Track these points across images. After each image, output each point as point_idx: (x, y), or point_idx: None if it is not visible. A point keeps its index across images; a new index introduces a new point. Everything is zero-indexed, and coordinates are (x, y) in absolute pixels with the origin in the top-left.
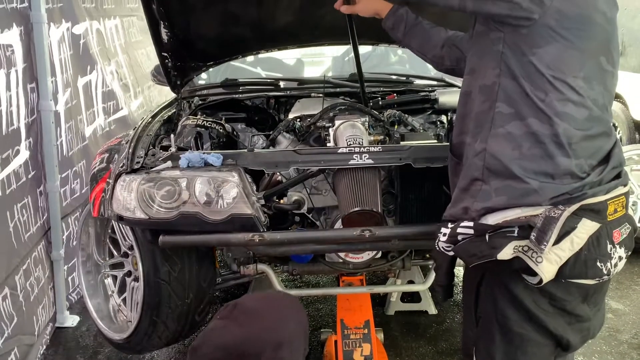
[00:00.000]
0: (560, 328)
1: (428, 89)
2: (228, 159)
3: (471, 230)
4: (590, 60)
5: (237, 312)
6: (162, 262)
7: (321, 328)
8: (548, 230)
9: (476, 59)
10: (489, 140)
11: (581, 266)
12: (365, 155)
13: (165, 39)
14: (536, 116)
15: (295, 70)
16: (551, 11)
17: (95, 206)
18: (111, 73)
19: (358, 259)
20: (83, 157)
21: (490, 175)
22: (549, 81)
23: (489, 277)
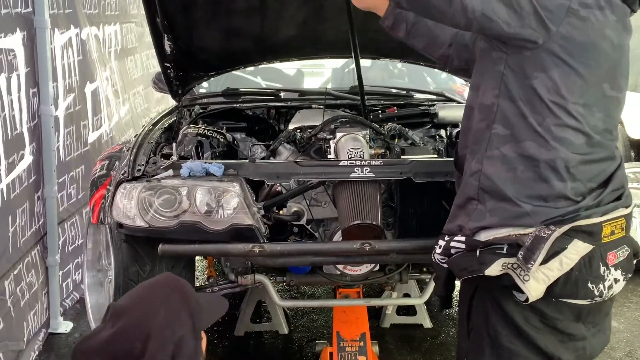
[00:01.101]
0: (550, 346)
1: (428, 103)
2: (229, 169)
3: (463, 245)
4: (592, 87)
5: (109, 315)
6: (132, 262)
7: (316, 339)
8: (536, 249)
9: (478, 76)
10: (484, 161)
11: (572, 286)
12: (367, 169)
13: (168, 50)
14: (533, 139)
15: (295, 80)
16: (556, 37)
17: (94, 213)
18: (106, 79)
19: (356, 271)
20: (82, 163)
21: (484, 196)
22: (547, 106)
23: (481, 292)
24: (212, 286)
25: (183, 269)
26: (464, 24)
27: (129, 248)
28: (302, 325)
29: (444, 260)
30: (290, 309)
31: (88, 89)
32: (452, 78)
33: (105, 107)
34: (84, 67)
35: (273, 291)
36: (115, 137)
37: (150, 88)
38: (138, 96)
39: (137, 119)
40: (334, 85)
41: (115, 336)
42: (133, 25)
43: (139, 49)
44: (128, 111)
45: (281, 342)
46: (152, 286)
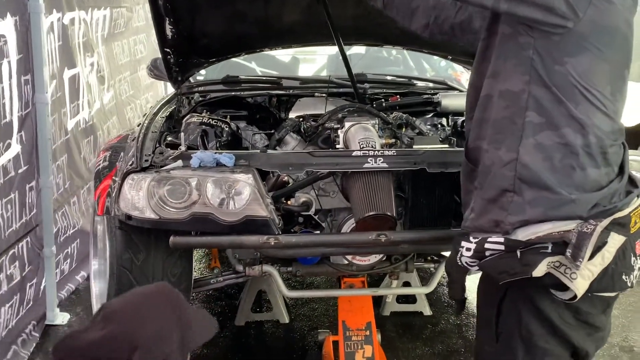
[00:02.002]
0: (581, 340)
1: (430, 92)
2: (240, 160)
3: (501, 246)
4: (616, 72)
5: (100, 316)
6: (125, 248)
7: (317, 328)
8: (582, 246)
9: (501, 62)
10: (520, 150)
11: (608, 280)
12: (380, 159)
13: (169, 34)
14: (570, 125)
15: (291, 67)
16: (585, 20)
17: (100, 204)
18: (90, 65)
19: (365, 261)
20: (65, 152)
21: (522, 186)
22: (580, 91)
23: (513, 293)
24: (217, 277)
25: (179, 258)
26: (491, 5)
27: (123, 235)
28: (303, 314)
29: (474, 264)
30: (290, 298)
31: (66, 75)
32: (451, 65)
33: (86, 93)
34: (63, 53)
35: (281, 282)
36: (96, 124)
37: (137, 74)
38: (124, 82)
39: (122, 105)
40: (329, 72)
41: (103, 340)
42: (124, 10)
43: (127, 34)
44: (112, 97)
45: (282, 331)
46: (148, 295)
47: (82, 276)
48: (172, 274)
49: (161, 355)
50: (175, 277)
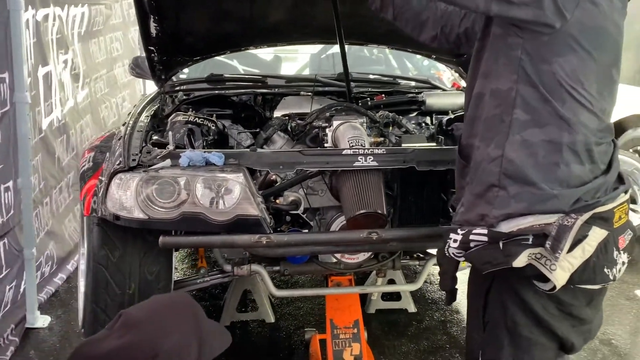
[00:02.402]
0: (565, 331)
1: (415, 91)
2: (230, 159)
3: (485, 238)
4: (604, 71)
5: (119, 323)
6: (102, 245)
7: (303, 327)
8: (562, 238)
9: (492, 62)
10: (506, 146)
11: (590, 272)
12: (370, 158)
13: (153, 32)
14: (555, 123)
15: (273, 65)
16: (573, 21)
17: (86, 205)
18: (64, 62)
19: (353, 259)
20: (39, 151)
21: (507, 181)
22: (566, 90)
23: (499, 284)
24: (203, 277)
25: (157, 256)
26: (483, 7)
27: (100, 232)
28: (288, 313)
29: (460, 254)
30: (277, 298)
31: (40, 72)
32: (434, 64)
33: (59, 91)
34: (37, 50)
35: (269, 281)
36: (69, 123)
37: (113, 72)
38: (100, 80)
39: (97, 104)
40: (311, 71)
41: (122, 349)
42: (102, 8)
43: (104, 32)
44: (87, 96)
45: (268, 330)
46: (169, 304)
47: (60, 278)
48: (149, 272)
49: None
50: (153, 275)
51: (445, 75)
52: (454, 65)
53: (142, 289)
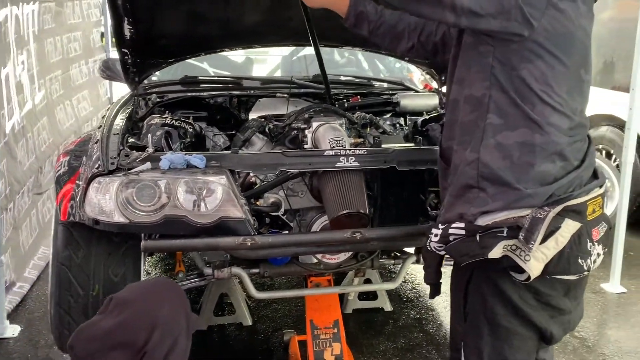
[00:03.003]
0: (544, 321)
1: (389, 92)
2: (212, 161)
3: (462, 231)
4: (573, 74)
5: (111, 305)
6: (65, 245)
7: (281, 329)
8: (535, 230)
9: (464, 70)
10: (481, 150)
11: (564, 263)
12: (352, 158)
13: (127, 35)
14: (527, 126)
15: (244, 68)
16: (540, 29)
17: (63, 210)
18: (22, 63)
19: (334, 259)
20: (4, 156)
21: (485, 183)
22: (536, 94)
23: (478, 275)
24: (181, 281)
25: (123, 257)
26: (453, 21)
27: (64, 232)
28: (266, 315)
29: (441, 248)
30: (253, 300)
31: (2, 75)
32: (406, 66)
33: (17, 93)
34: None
35: (250, 284)
36: (27, 126)
37: (69, 73)
38: (55, 82)
39: (53, 106)
40: (283, 73)
41: (122, 325)
42: (52, 5)
43: (58, 31)
44: (43, 97)
45: (246, 333)
46: (153, 283)
47: (20, 286)
48: (114, 274)
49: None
50: (118, 276)
51: (416, 75)
52: (427, 67)
53: (106, 291)
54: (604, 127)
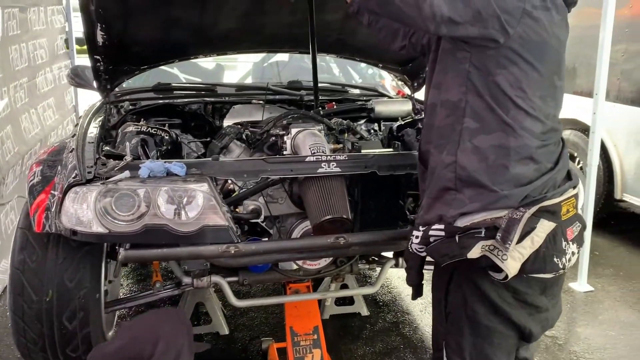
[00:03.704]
0: (522, 319)
1: (363, 98)
2: (192, 168)
3: (442, 232)
4: (546, 80)
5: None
6: (21, 249)
7: (258, 337)
8: (512, 230)
9: (442, 75)
10: (458, 153)
11: (540, 262)
12: (333, 164)
13: (100, 41)
14: (502, 130)
15: (214, 74)
16: (515, 37)
17: (37, 221)
18: None
19: (315, 265)
20: None
21: (462, 186)
22: (511, 99)
23: (458, 275)
24: (158, 291)
25: (79, 263)
26: (433, 29)
27: (22, 236)
28: (242, 324)
29: (422, 249)
30: (228, 309)
31: None
32: (379, 73)
33: None
34: None
35: (230, 292)
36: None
37: (35, 81)
38: (20, 89)
39: (17, 114)
40: (254, 80)
41: (128, 343)
42: (16, 11)
43: (24, 38)
44: (7, 106)
45: (223, 343)
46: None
47: None
48: (69, 279)
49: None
50: (74, 282)
51: (387, 82)
52: (399, 74)
53: (60, 297)
54: (567, 131)
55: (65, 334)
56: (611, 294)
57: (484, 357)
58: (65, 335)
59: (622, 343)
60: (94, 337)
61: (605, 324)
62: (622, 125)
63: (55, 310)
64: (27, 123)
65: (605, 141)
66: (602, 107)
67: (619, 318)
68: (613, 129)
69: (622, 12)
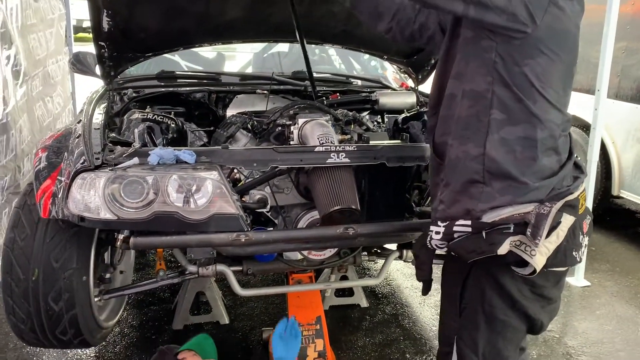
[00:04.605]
0: (537, 312)
1: (367, 90)
2: (201, 156)
3: (469, 228)
4: (568, 71)
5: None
6: (12, 228)
7: (258, 327)
8: (541, 225)
9: (463, 64)
10: (486, 145)
11: (561, 256)
12: (342, 154)
13: (105, 27)
14: (529, 121)
15: (215, 63)
16: (542, 26)
17: (43, 206)
18: (7, 58)
19: (319, 256)
20: None
21: (491, 178)
22: (537, 90)
23: (477, 271)
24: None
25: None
26: (461, 11)
27: (15, 215)
28: (242, 314)
29: (443, 245)
30: (228, 298)
31: None
32: (382, 64)
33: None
34: None
35: (235, 281)
36: (10, 123)
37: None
38: (36, 78)
39: (32, 102)
40: (254, 70)
41: None
42: (32, 0)
43: (41, 27)
44: (24, 94)
45: (224, 332)
46: None
47: None
48: (55, 259)
49: None
50: (59, 263)
51: (389, 73)
52: (404, 66)
53: (46, 276)
54: None
55: (52, 315)
56: (608, 289)
57: (496, 351)
58: (52, 317)
59: (619, 337)
60: (82, 321)
61: (602, 318)
62: (621, 122)
63: (41, 289)
64: (41, 111)
65: (604, 138)
66: (603, 103)
67: (615, 313)
68: (612, 125)
69: (624, 9)
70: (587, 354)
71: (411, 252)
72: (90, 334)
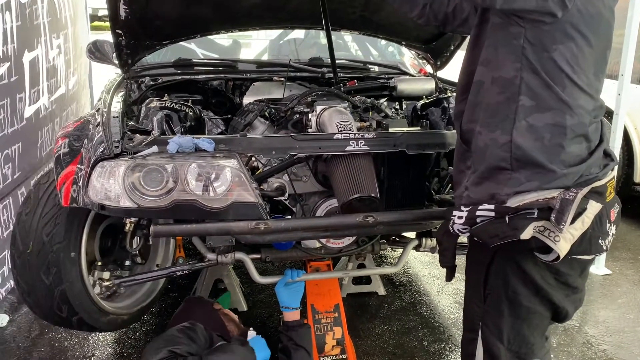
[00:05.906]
0: (561, 299)
1: (385, 76)
2: (220, 144)
3: (492, 213)
4: (600, 55)
5: None
6: (23, 204)
7: (276, 314)
8: (566, 211)
9: (492, 50)
10: (513, 132)
11: (587, 243)
12: (361, 142)
13: (122, 15)
14: (558, 108)
15: (231, 50)
16: (573, 10)
17: (64, 194)
18: (58, 47)
19: (338, 244)
20: (19, 140)
21: (518, 166)
22: (567, 76)
23: (501, 257)
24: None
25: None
26: (488, 3)
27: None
28: (260, 301)
29: (466, 230)
30: (246, 286)
31: (26, 58)
32: (399, 50)
33: (49, 78)
34: (22, 33)
35: (253, 269)
36: (56, 111)
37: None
38: (83, 66)
39: (81, 90)
40: (270, 57)
41: None
42: None
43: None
44: (76, 82)
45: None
46: None
47: None
48: (45, 233)
49: None
50: (48, 237)
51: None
52: (423, 52)
53: (37, 250)
54: None
55: (44, 289)
56: (629, 278)
57: (521, 337)
58: (44, 290)
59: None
60: (72, 297)
61: (623, 307)
62: None
63: (35, 262)
64: (84, 100)
65: (626, 124)
66: (627, 88)
67: (637, 301)
68: (635, 111)
69: None
70: (608, 342)
71: (434, 239)
72: (89, 315)
